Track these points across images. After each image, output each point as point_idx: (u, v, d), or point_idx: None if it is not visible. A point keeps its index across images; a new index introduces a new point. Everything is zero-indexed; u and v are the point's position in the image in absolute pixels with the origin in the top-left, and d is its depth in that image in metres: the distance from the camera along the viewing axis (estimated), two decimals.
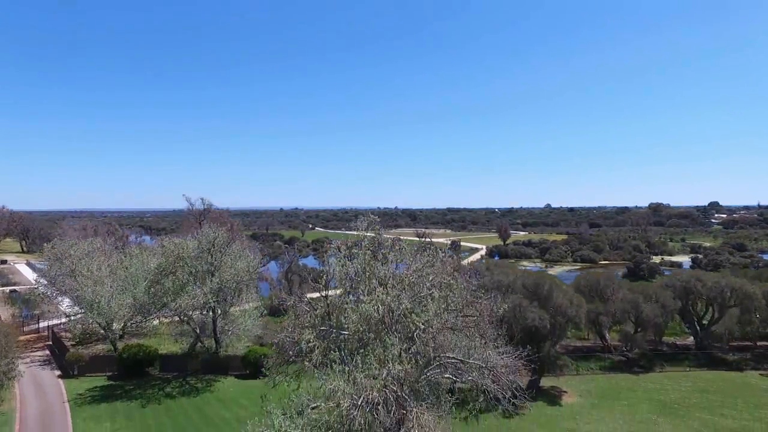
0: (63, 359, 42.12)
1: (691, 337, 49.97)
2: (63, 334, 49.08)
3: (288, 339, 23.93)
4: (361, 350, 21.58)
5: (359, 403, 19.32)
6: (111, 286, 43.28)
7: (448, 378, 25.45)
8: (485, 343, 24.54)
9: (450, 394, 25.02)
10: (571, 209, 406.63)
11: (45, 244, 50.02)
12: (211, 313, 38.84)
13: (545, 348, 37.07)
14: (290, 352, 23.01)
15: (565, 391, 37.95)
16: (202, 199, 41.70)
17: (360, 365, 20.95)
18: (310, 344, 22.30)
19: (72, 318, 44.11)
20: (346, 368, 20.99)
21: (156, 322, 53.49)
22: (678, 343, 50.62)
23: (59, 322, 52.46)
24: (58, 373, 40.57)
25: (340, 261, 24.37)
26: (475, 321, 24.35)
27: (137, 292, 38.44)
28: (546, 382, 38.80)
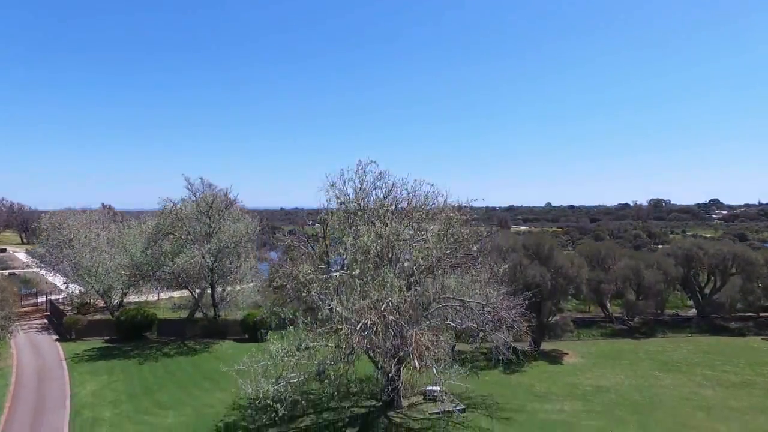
0: (61, 326, 41.86)
1: (693, 310, 49.66)
2: (62, 307, 48.81)
3: (287, 277, 23.61)
4: (360, 280, 21.34)
5: (358, 328, 19.09)
6: (109, 254, 43.03)
7: (449, 325, 25.24)
8: (486, 281, 24.30)
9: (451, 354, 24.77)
10: (572, 207, 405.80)
11: (42, 214, 49.69)
12: (209, 273, 38.47)
13: (546, 308, 36.80)
14: (288, 287, 22.75)
15: (566, 353, 37.63)
16: (201, 178, 41.14)
17: (359, 292, 20.71)
18: (308, 277, 22.07)
19: (70, 286, 43.78)
20: (344, 297, 20.77)
21: (155, 297, 53.36)
22: (680, 314, 50.27)
23: (58, 297, 52.32)
24: (55, 337, 40.30)
25: (339, 197, 24.08)
26: (475, 258, 24.11)
27: (134, 252, 38.08)
28: (546, 346, 38.50)
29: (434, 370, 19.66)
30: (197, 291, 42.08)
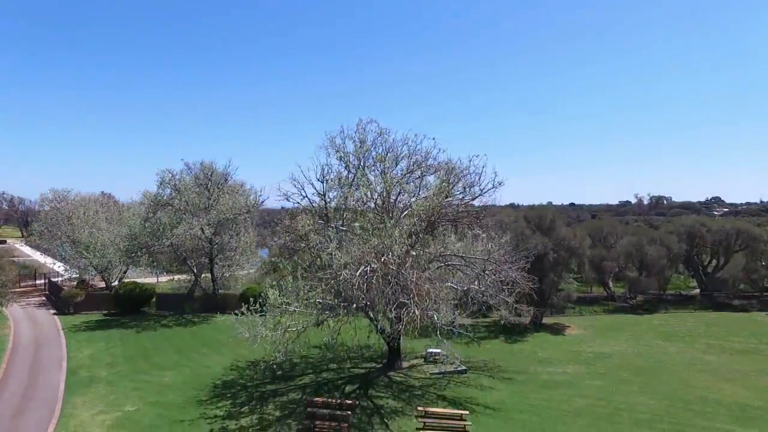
0: (59, 301, 41.59)
1: (697, 290, 49.30)
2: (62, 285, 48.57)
3: (286, 231, 23.27)
4: (361, 230, 21.01)
5: (358, 273, 18.77)
6: (108, 230, 42.80)
7: (450, 286, 24.88)
8: (488, 237, 23.97)
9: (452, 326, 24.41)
10: (573, 204, 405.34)
11: (41, 194, 49.51)
12: (208, 245, 38.14)
13: (548, 281, 36.44)
14: (287, 238, 22.42)
15: (568, 326, 37.30)
16: (202, 163, 40.44)
17: (359, 241, 20.39)
18: (307, 228, 21.78)
19: (68, 262, 43.53)
20: (344, 245, 20.46)
21: (155, 280, 53.03)
22: (683, 293, 49.91)
23: (57, 279, 52.04)
24: (53, 311, 40.02)
25: (338, 151, 23.75)
26: (477, 214, 23.78)
27: (133, 224, 37.74)
28: (548, 321, 38.15)
29: (435, 317, 19.31)
30: (196, 267, 41.74)
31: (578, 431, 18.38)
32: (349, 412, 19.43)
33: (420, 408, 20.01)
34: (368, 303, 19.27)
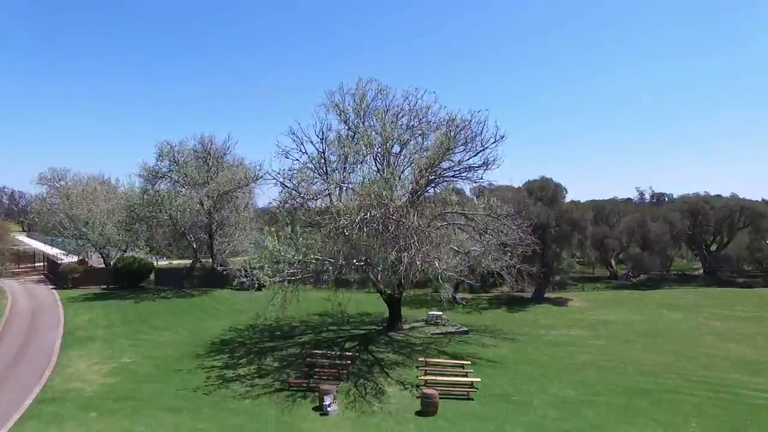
0: (58, 278, 41.35)
1: (700, 270, 48.88)
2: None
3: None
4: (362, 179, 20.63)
5: (357, 219, 18.47)
6: (106, 208, 42.45)
7: (452, 248, 24.52)
8: (490, 192, 23.63)
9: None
10: (573, 201, 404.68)
11: (39, 173, 49.01)
12: (207, 218, 37.77)
13: (551, 253, 36.08)
14: (287, 186, 22.05)
15: (570, 299, 36.96)
16: (201, 136, 39.63)
17: (359, 189, 20.07)
18: (305, 175, 21.48)
19: (67, 242, 43.24)
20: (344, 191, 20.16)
21: (156, 263, 52.65)
22: (686, 273, 49.52)
23: (57, 261, 51.78)
24: (52, 287, 39.76)
25: (338, 106, 23.39)
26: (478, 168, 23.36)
27: (131, 194, 37.36)
28: (550, 295, 37.82)
29: (437, 263, 18.96)
30: (195, 243, 41.39)
31: (583, 380, 18.03)
32: (349, 361, 19.14)
33: (421, 359, 19.72)
34: (367, 251, 18.93)
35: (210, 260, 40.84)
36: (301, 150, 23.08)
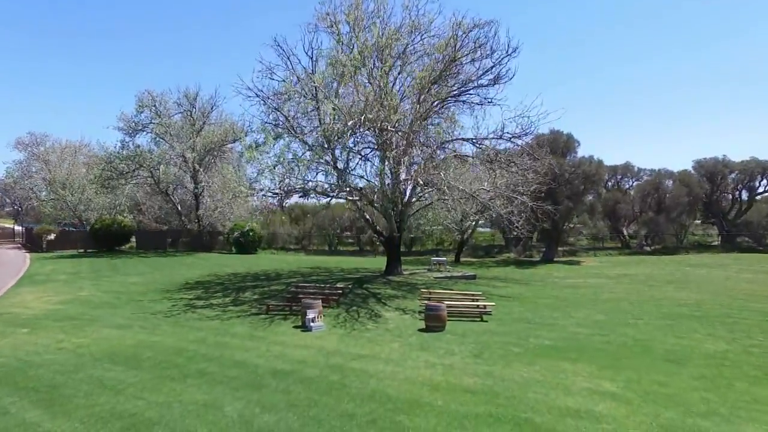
0: (32, 243, 38.69)
1: (717, 240, 46.15)
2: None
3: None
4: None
5: (349, 124, 15.81)
6: (86, 167, 39.81)
7: (457, 187, 21.88)
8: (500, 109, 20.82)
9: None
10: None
11: (17, 138, 46.27)
12: (193, 173, 35.03)
13: (563, 210, 33.39)
14: (271, 105, 19.37)
15: (582, 261, 34.36)
16: (186, 88, 37.09)
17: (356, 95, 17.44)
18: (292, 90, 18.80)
19: (45, 202, 40.61)
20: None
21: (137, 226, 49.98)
22: (701, 243, 46.86)
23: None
24: (26, 252, 37.07)
25: (332, 26, 20.65)
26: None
27: (110, 150, 34.53)
28: (561, 259, 35.22)
29: (441, 174, 16.32)
30: (180, 206, 38.72)
31: (616, 307, 15.41)
32: (340, 292, 16.53)
33: (424, 290, 17.11)
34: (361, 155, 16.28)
35: (196, 225, 38.16)
36: (287, 67, 20.33)
